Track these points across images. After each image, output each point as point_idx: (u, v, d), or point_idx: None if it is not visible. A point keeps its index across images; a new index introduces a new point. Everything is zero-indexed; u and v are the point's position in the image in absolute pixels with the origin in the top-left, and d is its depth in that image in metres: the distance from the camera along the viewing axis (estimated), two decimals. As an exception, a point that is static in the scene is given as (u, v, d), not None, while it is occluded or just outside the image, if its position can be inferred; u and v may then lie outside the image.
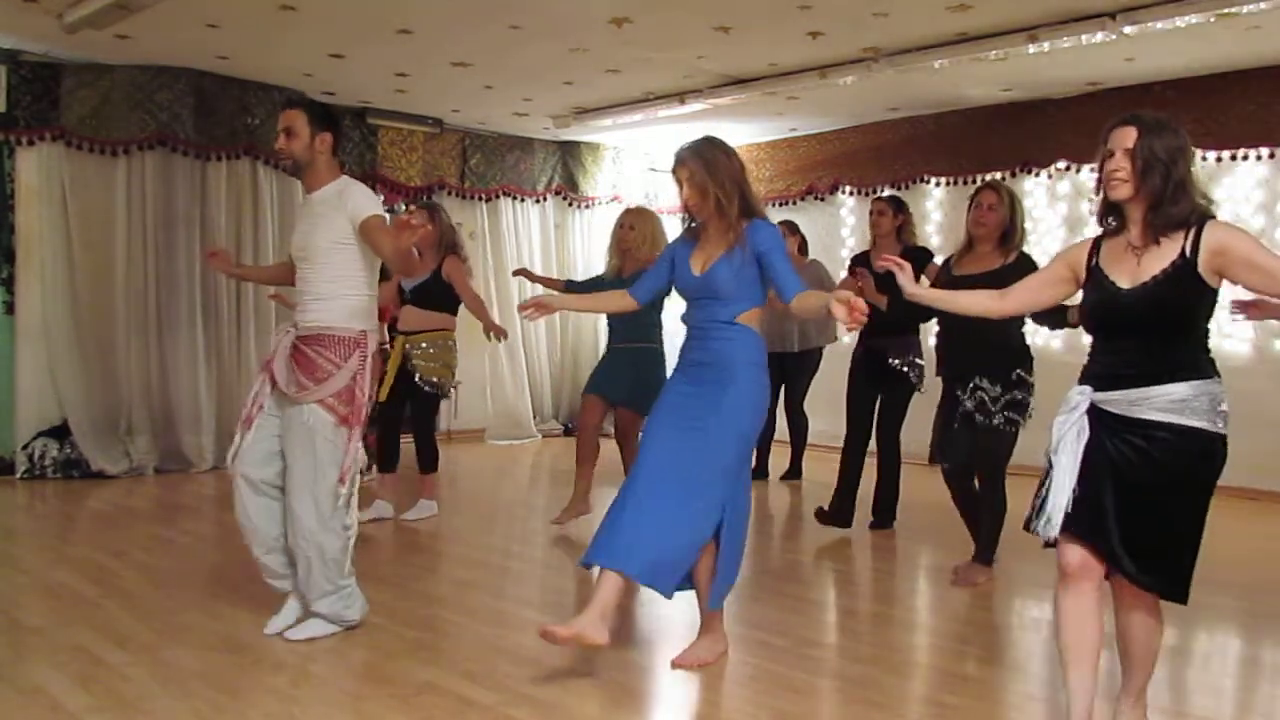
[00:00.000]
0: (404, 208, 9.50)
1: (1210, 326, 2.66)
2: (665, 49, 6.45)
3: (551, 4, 5.60)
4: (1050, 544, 2.70)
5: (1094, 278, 2.74)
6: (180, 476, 7.13)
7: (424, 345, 5.60)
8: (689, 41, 6.30)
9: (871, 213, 5.53)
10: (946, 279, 4.54)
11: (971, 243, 4.53)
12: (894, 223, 5.44)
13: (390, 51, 6.57)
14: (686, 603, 3.57)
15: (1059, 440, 2.68)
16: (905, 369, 5.36)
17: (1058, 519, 2.63)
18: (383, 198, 9.19)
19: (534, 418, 9.51)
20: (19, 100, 6.84)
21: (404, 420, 5.83)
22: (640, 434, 5.53)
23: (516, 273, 6.45)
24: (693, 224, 3.44)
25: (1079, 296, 2.83)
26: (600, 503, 6.01)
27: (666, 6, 5.61)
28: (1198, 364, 2.61)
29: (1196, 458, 2.58)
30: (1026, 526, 2.77)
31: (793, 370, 7.03)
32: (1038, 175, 7.64)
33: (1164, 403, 2.57)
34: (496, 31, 6.07)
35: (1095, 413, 2.66)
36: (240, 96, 7.48)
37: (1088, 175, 7.24)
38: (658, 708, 3.16)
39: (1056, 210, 7.60)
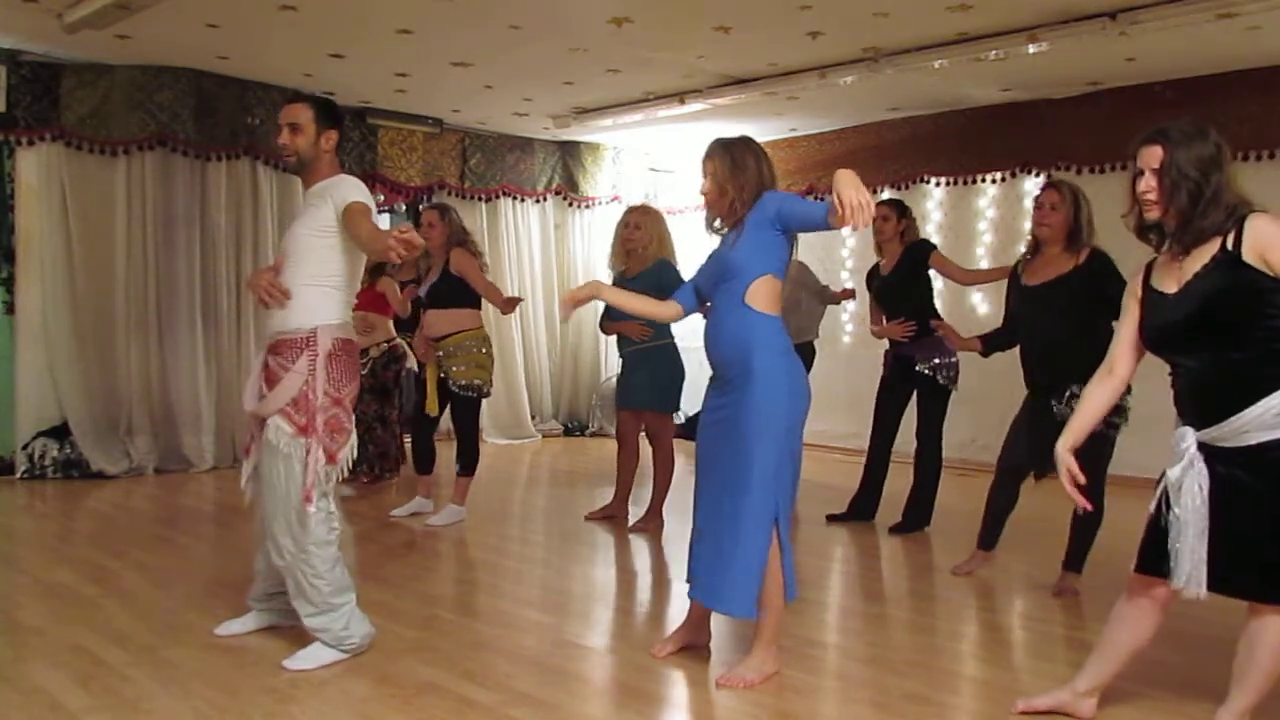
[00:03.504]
0: (404, 208, 9.52)
1: None
2: (665, 49, 6.45)
3: (551, 4, 5.60)
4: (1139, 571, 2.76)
5: (1148, 297, 2.67)
6: (180, 476, 7.13)
7: (451, 348, 5.52)
8: (689, 41, 6.29)
9: (876, 217, 5.50)
10: (1018, 291, 4.41)
11: (1038, 245, 4.37)
12: (898, 227, 5.45)
13: (390, 51, 6.57)
14: (685, 602, 3.58)
15: (1176, 492, 2.59)
16: (932, 373, 5.35)
17: (1200, 576, 2.57)
18: (383, 198, 9.25)
19: (533, 418, 9.52)
20: (19, 100, 6.83)
21: (436, 422, 5.80)
22: (668, 435, 5.59)
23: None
24: (722, 229, 3.42)
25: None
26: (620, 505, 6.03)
27: (666, 6, 5.61)
28: None
29: None
30: (1141, 569, 2.74)
31: None
32: (1037, 175, 7.63)
33: (1271, 418, 2.46)
34: (496, 31, 6.07)
35: (1205, 449, 2.57)
36: (240, 96, 7.49)
37: (1088, 176, 7.24)
38: (658, 708, 3.16)
39: (1056, 210, 7.60)
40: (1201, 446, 2.59)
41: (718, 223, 3.42)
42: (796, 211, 3.18)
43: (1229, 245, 2.51)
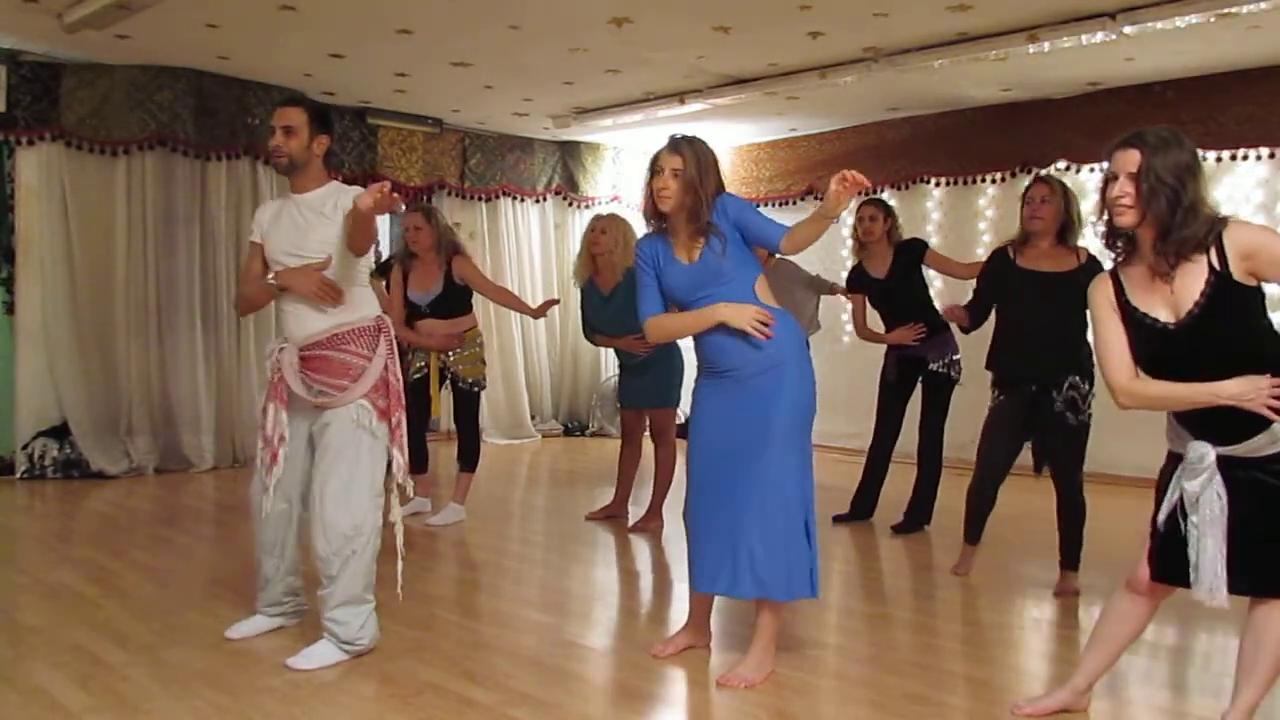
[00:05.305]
0: (404, 209, 9.51)
1: (1273, 317, 2.52)
2: (665, 49, 6.45)
3: (551, 4, 5.59)
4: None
5: (1130, 316, 2.59)
6: (180, 476, 7.12)
7: (457, 350, 5.58)
8: (689, 41, 6.29)
9: (863, 218, 5.48)
10: (1011, 271, 4.39)
11: (1027, 237, 4.38)
12: (884, 227, 5.44)
13: (390, 51, 6.57)
14: (685, 602, 3.58)
15: (1194, 504, 2.58)
16: (946, 369, 5.37)
17: (1222, 588, 2.56)
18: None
19: (533, 418, 9.51)
20: (19, 100, 6.83)
21: (427, 422, 5.84)
22: (672, 430, 5.59)
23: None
24: (661, 224, 3.32)
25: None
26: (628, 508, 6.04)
27: (666, 6, 5.61)
28: None
29: None
30: (1160, 578, 2.71)
31: None
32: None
33: None
34: (496, 31, 6.07)
35: (1222, 460, 2.56)
36: (240, 96, 7.48)
37: (1087, 175, 7.24)
38: (658, 708, 3.16)
39: (1056, 210, 7.60)
40: (1219, 457, 2.56)
41: (663, 223, 3.31)
42: (754, 224, 3.23)
43: (1216, 265, 2.45)
